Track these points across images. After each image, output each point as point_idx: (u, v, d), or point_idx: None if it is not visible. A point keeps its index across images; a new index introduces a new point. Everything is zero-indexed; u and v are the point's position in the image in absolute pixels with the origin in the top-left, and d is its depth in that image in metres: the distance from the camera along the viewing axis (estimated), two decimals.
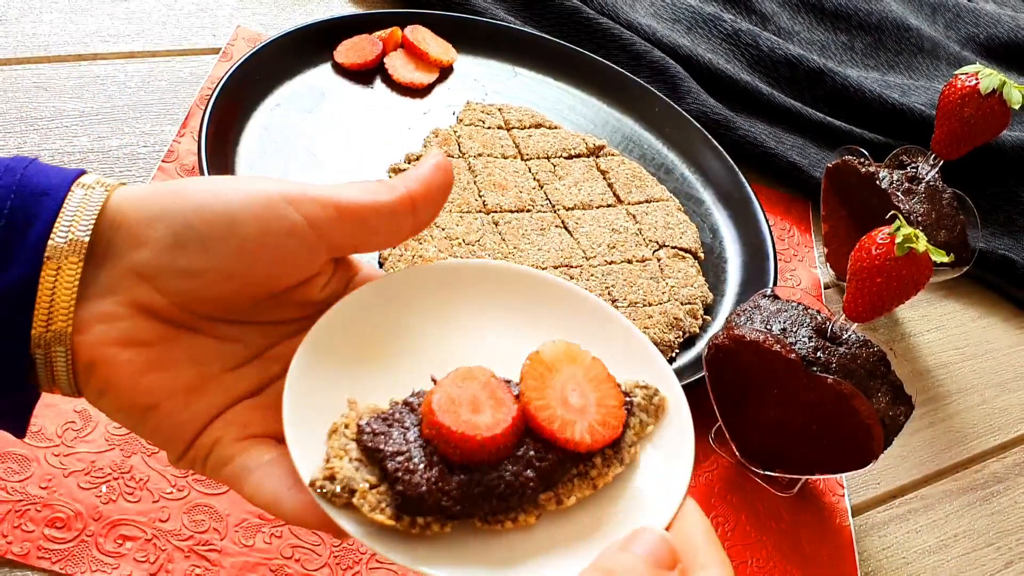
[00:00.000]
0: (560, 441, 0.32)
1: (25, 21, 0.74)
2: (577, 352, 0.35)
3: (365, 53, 0.79)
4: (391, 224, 0.35)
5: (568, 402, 0.33)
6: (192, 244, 0.32)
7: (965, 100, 0.65)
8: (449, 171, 0.36)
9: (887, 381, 0.55)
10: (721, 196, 0.80)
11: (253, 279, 0.33)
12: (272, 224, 0.32)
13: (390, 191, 0.34)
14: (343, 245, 0.34)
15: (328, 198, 0.33)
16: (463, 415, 0.32)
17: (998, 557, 0.65)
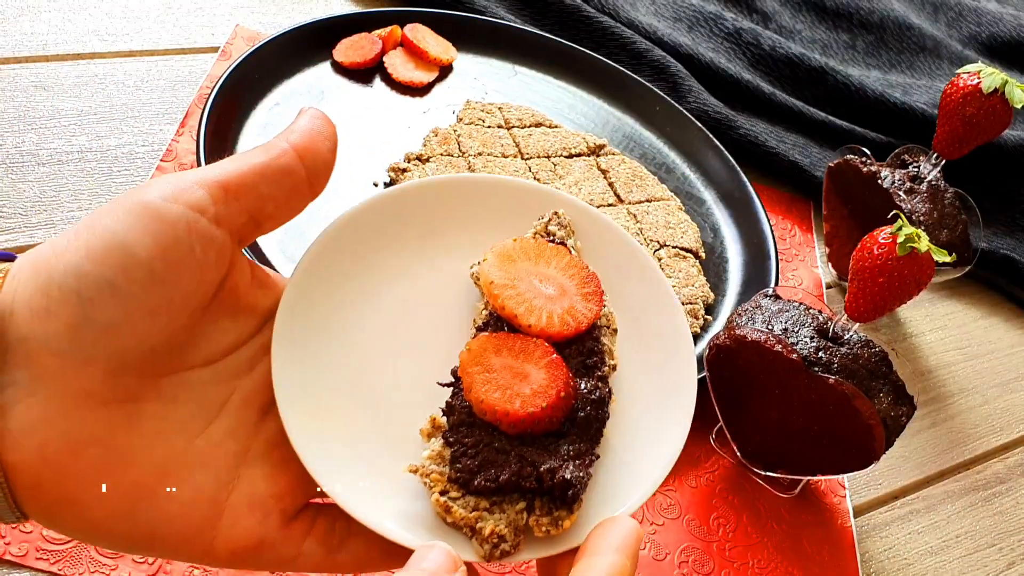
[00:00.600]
0: (524, 328, 0.33)
1: (23, 20, 0.74)
2: (542, 246, 0.35)
3: (365, 52, 0.79)
4: (284, 185, 0.31)
5: (538, 291, 0.34)
6: (99, 293, 0.27)
7: (967, 99, 0.65)
8: (327, 119, 0.32)
9: (889, 381, 0.55)
10: (722, 195, 0.80)
11: (175, 300, 0.29)
12: (164, 232, 0.28)
13: (268, 151, 0.31)
14: (244, 224, 0.30)
15: (207, 178, 0.29)
16: (505, 389, 0.32)
17: (1000, 558, 0.65)
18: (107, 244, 0.27)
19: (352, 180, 0.70)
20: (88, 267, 0.27)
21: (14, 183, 0.62)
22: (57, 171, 0.64)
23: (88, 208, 0.63)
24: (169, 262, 0.28)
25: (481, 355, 0.33)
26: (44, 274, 0.27)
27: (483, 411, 0.32)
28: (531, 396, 0.32)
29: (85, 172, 0.65)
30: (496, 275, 0.34)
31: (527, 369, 0.32)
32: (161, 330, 0.29)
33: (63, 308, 0.27)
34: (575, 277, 0.35)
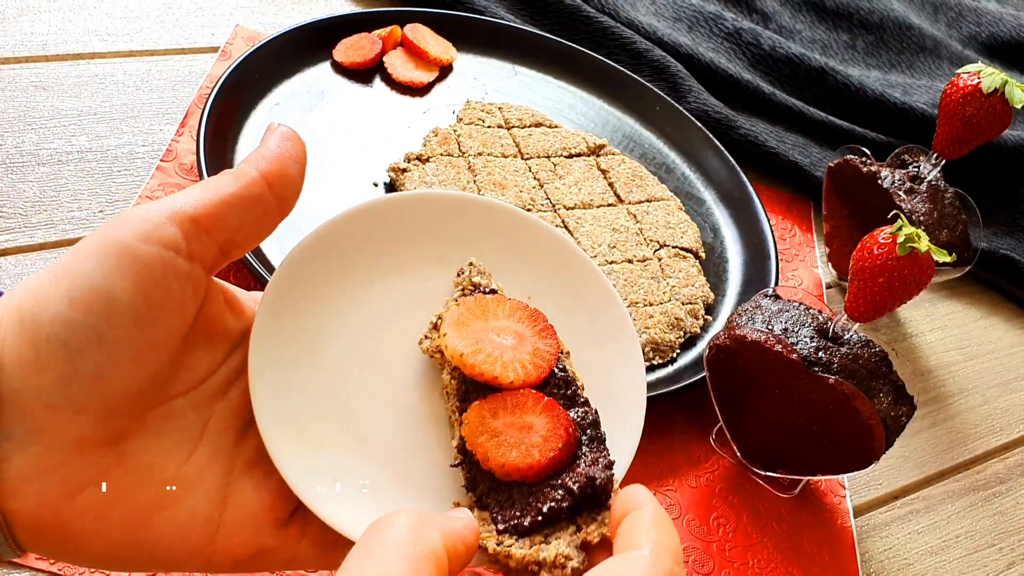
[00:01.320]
0: (506, 385, 0.35)
1: (23, 20, 0.74)
2: (497, 301, 0.37)
3: (365, 52, 0.79)
4: (253, 213, 0.31)
5: (502, 346, 0.35)
6: (88, 342, 0.28)
7: (967, 99, 0.65)
8: (297, 139, 0.33)
9: (889, 381, 0.55)
10: (722, 195, 0.80)
11: (159, 340, 0.30)
12: (144, 275, 0.28)
13: (238, 179, 0.31)
14: (215, 255, 0.31)
15: (178, 213, 0.29)
16: (520, 446, 0.33)
17: (1000, 558, 0.65)
18: (90, 292, 0.28)
19: (352, 180, 0.70)
20: (74, 317, 0.28)
21: (14, 183, 0.62)
22: (57, 171, 0.64)
23: (88, 208, 0.63)
24: (151, 304, 0.29)
25: (482, 423, 0.34)
26: (30, 326, 0.28)
27: (508, 473, 0.33)
28: (544, 443, 0.33)
29: (85, 172, 0.65)
30: (460, 345, 0.35)
31: (528, 420, 0.34)
32: (146, 371, 0.30)
33: (53, 360, 0.28)
34: (524, 320, 0.37)
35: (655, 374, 0.64)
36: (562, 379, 0.36)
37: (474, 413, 0.34)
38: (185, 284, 0.30)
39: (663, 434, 0.63)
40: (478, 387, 0.35)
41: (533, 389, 0.35)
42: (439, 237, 0.39)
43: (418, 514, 0.28)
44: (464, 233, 0.40)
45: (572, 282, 0.40)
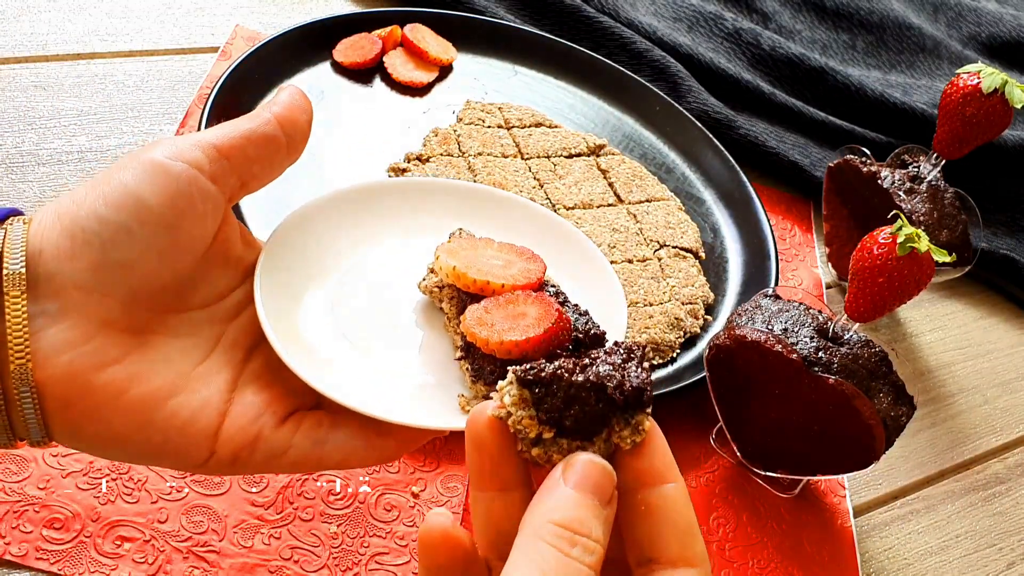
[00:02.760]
0: (498, 289, 0.38)
1: (23, 20, 0.74)
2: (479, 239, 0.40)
3: (364, 52, 0.79)
4: (267, 150, 0.36)
5: (493, 264, 0.39)
6: (117, 235, 0.32)
7: (967, 99, 0.65)
8: (304, 96, 0.38)
9: (889, 381, 0.55)
10: (722, 195, 0.80)
11: (181, 244, 0.34)
12: (171, 184, 0.33)
13: (254, 119, 0.36)
14: (233, 183, 0.35)
15: (204, 141, 0.34)
16: (515, 328, 0.35)
17: (1000, 558, 0.65)
18: (123, 194, 0.32)
19: (352, 180, 0.70)
20: (107, 213, 0.32)
21: (14, 183, 0.62)
22: (57, 171, 0.64)
23: None
24: (176, 211, 0.33)
25: (478, 318, 0.36)
26: (68, 219, 0.32)
27: (508, 351, 0.35)
28: (538, 321, 0.36)
29: (85, 172, 0.65)
30: (455, 261, 0.38)
31: (521, 310, 0.37)
32: (168, 270, 0.34)
33: (86, 249, 0.31)
34: (512, 251, 0.40)
35: (655, 374, 0.64)
36: (552, 291, 0.39)
37: (471, 311, 0.37)
38: (206, 200, 0.34)
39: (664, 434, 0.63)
40: (474, 301, 0.38)
41: None
42: (437, 213, 0.44)
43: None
44: (452, 208, 0.44)
45: (556, 243, 0.44)
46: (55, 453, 0.49)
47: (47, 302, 0.31)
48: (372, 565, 0.50)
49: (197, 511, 0.49)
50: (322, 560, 0.49)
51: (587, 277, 0.43)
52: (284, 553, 0.49)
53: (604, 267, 0.44)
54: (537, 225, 0.45)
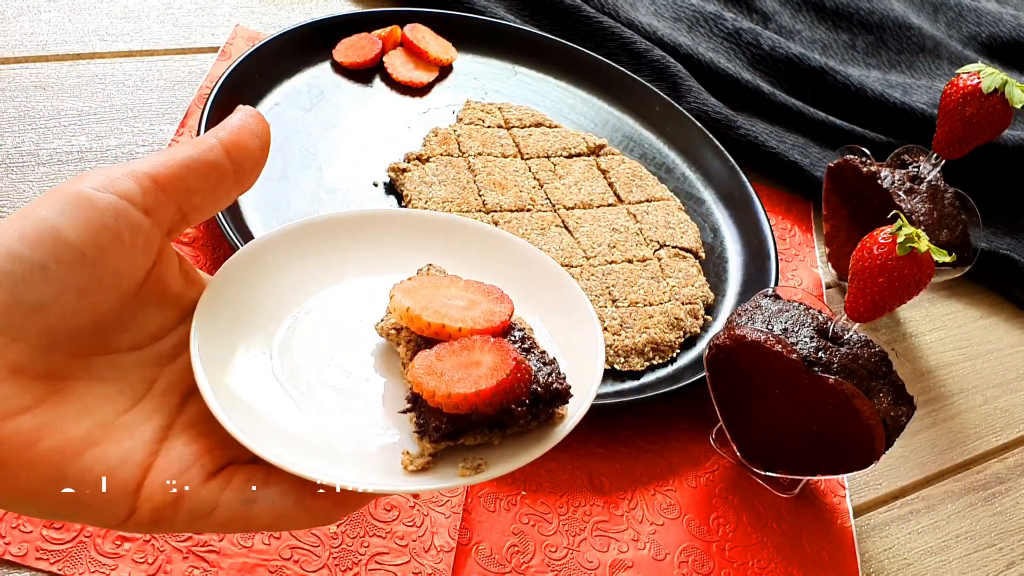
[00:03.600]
0: (455, 333, 0.34)
1: (23, 20, 0.74)
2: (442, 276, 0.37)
3: (364, 52, 0.79)
4: (210, 179, 0.33)
5: (453, 306, 0.35)
6: (30, 274, 0.29)
7: (967, 99, 0.65)
8: (259, 117, 0.35)
9: (889, 381, 0.55)
10: (722, 195, 0.80)
11: (103, 281, 0.31)
12: (95, 218, 0.30)
13: (196, 145, 0.33)
14: (171, 215, 0.32)
15: (138, 170, 0.31)
16: (467, 379, 0.32)
17: (1000, 558, 0.65)
18: (39, 229, 0.29)
19: (352, 180, 0.70)
20: (20, 250, 0.29)
21: (14, 183, 0.62)
22: (57, 171, 0.64)
23: None
24: (99, 247, 0.30)
25: (428, 366, 0.33)
26: None
27: (456, 404, 0.32)
28: (492, 371, 0.32)
29: None
30: (409, 302, 0.35)
31: (475, 358, 0.34)
32: (89, 311, 0.31)
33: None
34: (478, 290, 0.37)
35: (655, 374, 0.64)
36: (518, 336, 0.36)
37: (421, 358, 0.34)
38: (136, 234, 0.31)
39: (663, 434, 0.63)
40: (430, 345, 0.35)
41: None
42: (408, 248, 0.40)
43: None
44: (422, 243, 0.41)
45: (526, 271, 0.40)
46: None
47: None
48: (372, 565, 0.50)
49: None
50: (322, 560, 0.49)
51: (565, 321, 0.39)
52: (284, 553, 0.49)
53: (586, 310, 0.39)
54: (517, 261, 0.41)
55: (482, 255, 0.41)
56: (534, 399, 0.33)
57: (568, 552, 0.55)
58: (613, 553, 0.55)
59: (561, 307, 0.39)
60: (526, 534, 0.54)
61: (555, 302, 0.40)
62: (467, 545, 0.53)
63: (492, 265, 0.40)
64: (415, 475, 0.33)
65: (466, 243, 0.41)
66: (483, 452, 0.34)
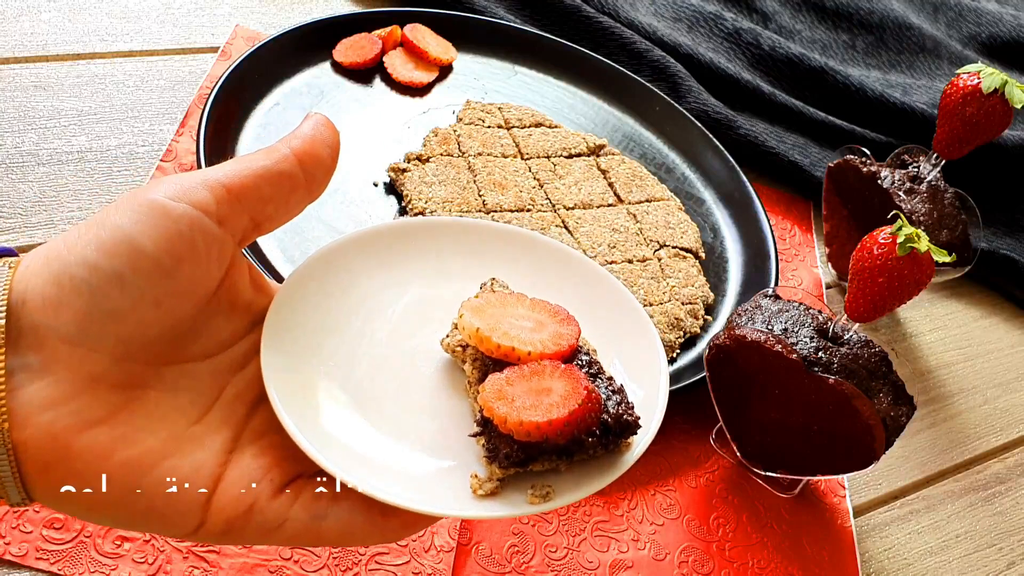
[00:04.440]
0: (524, 357, 0.34)
1: (23, 20, 0.74)
2: (509, 294, 0.36)
3: (364, 52, 0.79)
4: (283, 189, 0.33)
5: (522, 327, 0.35)
6: (107, 283, 0.29)
7: (967, 99, 0.65)
8: (331, 126, 0.35)
9: (889, 381, 0.55)
10: (722, 196, 0.80)
11: (178, 291, 0.31)
12: (171, 228, 0.30)
13: (270, 155, 0.33)
14: (244, 225, 0.32)
15: (212, 179, 0.31)
16: (538, 407, 0.32)
17: (1000, 558, 0.65)
18: (116, 239, 0.29)
19: (352, 180, 0.70)
20: (98, 260, 0.29)
21: (14, 183, 0.62)
22: (57, 171, 0.64)
23: (88, 208, 0.63)
24: (174, 256, 0.30)
25: (498, 391, 0.33)
26: (56, 265, 0.29)
27: (527, 432, 0.32)
28: (564, 401, 0.33)
29: (85, 172, 0.65)
30: (479, 322, 0.35)
31: (546, 385, 0.33)
32: (164, 320, 0.31)
33: (74, 298, 0.29)
34: (545, 311, 0.37)
35: None
36: (585, 361, 0.36)
37: (491, 382, 0.34)
38: (211, 245, 0.31)
39: (663, 434, 0.63)
40: (498, 367, 0.35)
41: None
42: (462, 256, 0.40)
43: None
44: (485, 254, 0.41)
45: (588, 290, 0.40)
46: None
47: (29, 355, 0.29)
48: (372, 565, 0.50)
49: None
50: (322, 560, 0.49)
51: (627, 341, 0.39)
52: (284, 553, 0.49)
53: (647, 327, 0.39)
54: (574, 274, 0.41)
55: (545, 269, 0.41)
56: (604, 430, 0.33)
57: (568, 552, 0.55)
58: (613, 553, 0.55)
59: (624, 328, 0.39)
60: (526, 534, 0.54)
61: (618, 322, 0.39)
62: (467, 545, 0.53)
63: (555, 281, 0.40)
64: (483, 499, 0.33)
65: (529, 256, 0.41)
66: (550, 478, 0.34)
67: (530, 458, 0.33)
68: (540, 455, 0.33)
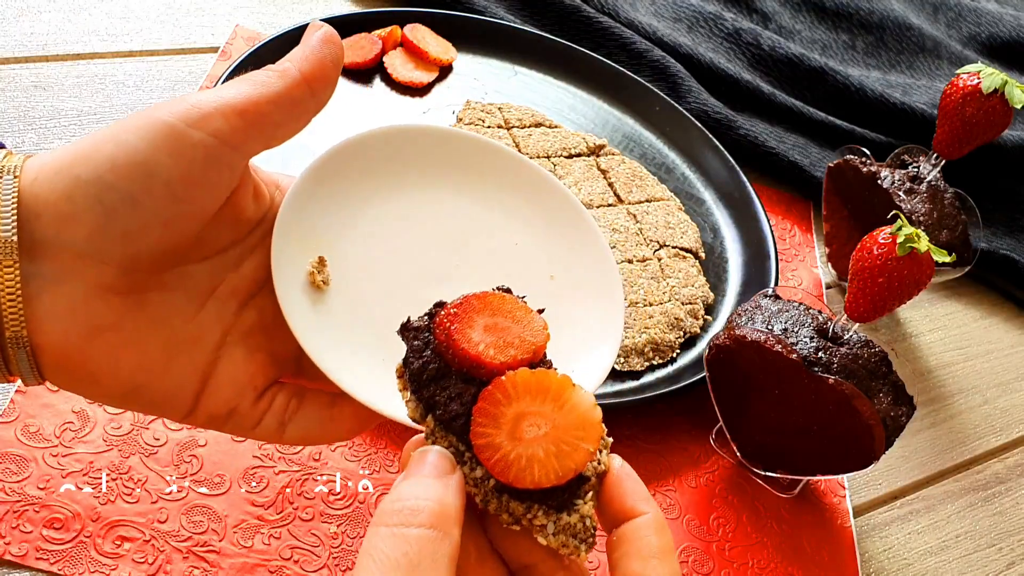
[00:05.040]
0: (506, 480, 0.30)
1: (23, 20, 0.74)
2: (545, 380, 0.31)
3: (364, 52, 0.79)
4: (293, 111, 0.34)
5: (520, 435, 0.30)
6: (121, 205, 0.30)
7: (967, 99, 0.65)
8: (337, 42, 0.35)
9: (888, 381, 0.55)
10: (722, 196, 0.80)
11: (189, 214, 0.32)
12: (187, 154, 0.31)
13: (283, 77, 0.33)
14: (256, 148, 0.34)
15: (228, 105, 0.32)
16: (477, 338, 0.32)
17: (1000, 558, 0.65)
18: (131, 161, 0.30)
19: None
20: (113, 180, 0.30)
21: None
22: None
23: None
24: (188, 183, 0.31)
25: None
26: (69, 179, 0.30)
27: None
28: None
29: None
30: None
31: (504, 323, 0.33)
32: (171, 237, 0.33)
33: (86, 215, 0.30)
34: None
35: (655, 374, 0.64)
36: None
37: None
38: (223, 170, 0.32)
39: (663, 434, 0.63)
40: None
41: None
42: (451, 164, 0.43)
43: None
44: (470, 166, 0.43)
45: (560, 223, 0.43)
46: (55, 453, 0.49)
47: (44, 264, 0.30)
48: None
49: (197, 511, 0.49)
50: (322, 560, 0.49)
51: (581, 262, 0.43)
52: (284, 553, 0.49)
53: (602, 249, 0.43)
54: (540, 198, 0.44)
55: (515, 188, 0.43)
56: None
57: None
58: None
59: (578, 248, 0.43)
60: None
61: (576, 251, 0.43)
62: None
63: (524, 203, 0.43)
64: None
65: (504, 171, 0.43)
66: None
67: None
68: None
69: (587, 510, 0.31)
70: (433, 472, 0.30)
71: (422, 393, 0.32)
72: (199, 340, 0.35)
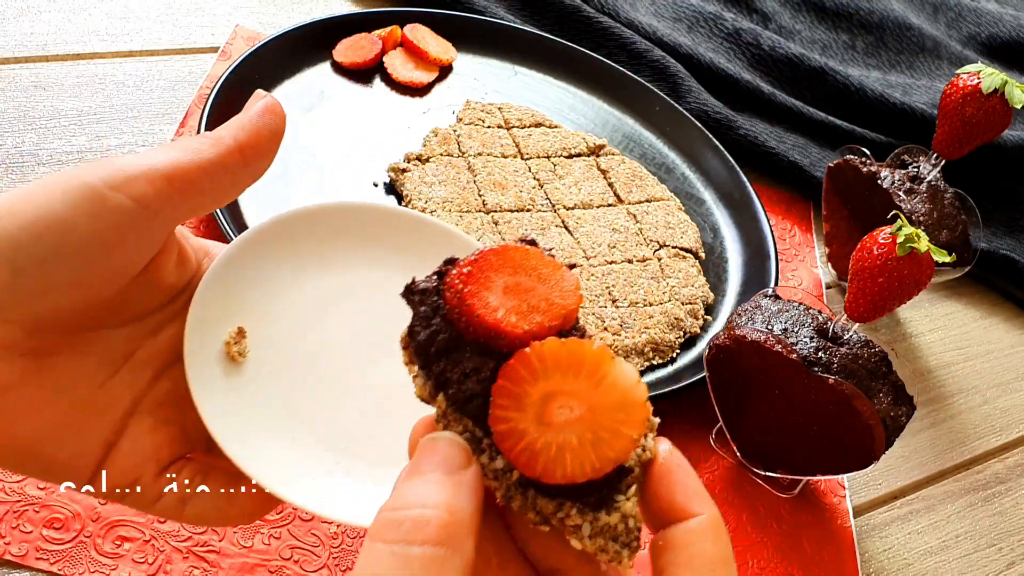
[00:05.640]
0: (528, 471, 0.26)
1: (23, 20, 0.74)
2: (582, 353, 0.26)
3: (364, 52, 0.79)
4: (223, 180, 0.32)
5: (549, 420, 0.26)
6: (30, 263, 0.29)
7: (967, 99, 0.65)
8: (278, 112, 0.34)
9: (888, 381, 0.55)
10: (722, 196, 0.80)
11: (101, 277, 0.31)
12: (105, 217, 0.29)
13: (215, 146, 0.32)
14: (180, 215, 0.32)
15: (154, 171, 0.30)
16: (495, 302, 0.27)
17: (1000, 558, 0.65)
18: (47, 220, 0.29)
19: (352, 180, 0.70)
20: (24, 239, 0.28)
21: (14, 183, 0.62)
22: (57, 171, 0.64)
23: None
24: (104, 245, 0.30)
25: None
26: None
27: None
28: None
29: None
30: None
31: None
32: (83, 299, 0.31)
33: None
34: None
35: (655, 374, 0.64)
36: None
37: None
38: (143, 234, 0.31)
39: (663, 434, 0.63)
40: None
41: None
42: (388, 243, 0.39)
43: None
44: (408, 246, 0.39)
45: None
46: None
47: None
48: None
49: None
50: (322, 560, 0.49)
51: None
52: (284, 553, 0.49)
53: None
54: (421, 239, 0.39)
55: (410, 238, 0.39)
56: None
57: None
58: None
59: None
60: None
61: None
62: None
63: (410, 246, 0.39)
64: (324, 495, 0.33)
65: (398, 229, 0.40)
66: None
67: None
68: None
69: (629, 508, 0.27)
70: (443, 468, 0.26)
71: (431, 368, 0.27)
72: (107, 408, 0.33)
